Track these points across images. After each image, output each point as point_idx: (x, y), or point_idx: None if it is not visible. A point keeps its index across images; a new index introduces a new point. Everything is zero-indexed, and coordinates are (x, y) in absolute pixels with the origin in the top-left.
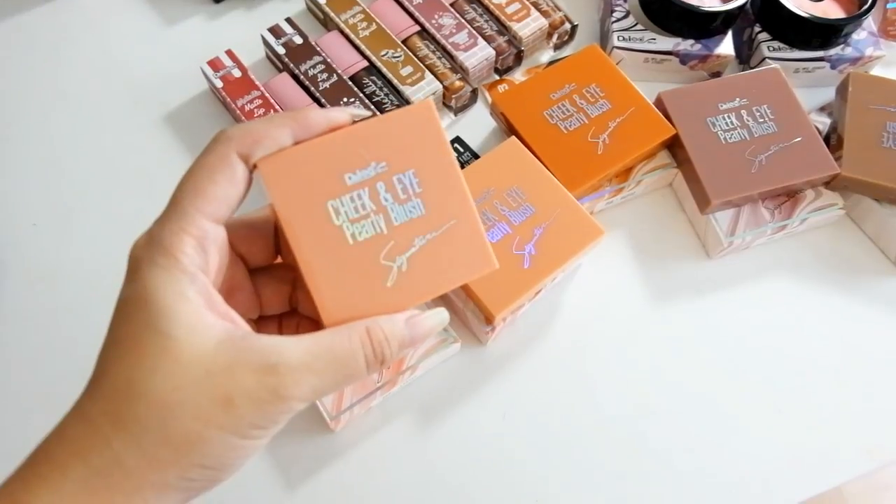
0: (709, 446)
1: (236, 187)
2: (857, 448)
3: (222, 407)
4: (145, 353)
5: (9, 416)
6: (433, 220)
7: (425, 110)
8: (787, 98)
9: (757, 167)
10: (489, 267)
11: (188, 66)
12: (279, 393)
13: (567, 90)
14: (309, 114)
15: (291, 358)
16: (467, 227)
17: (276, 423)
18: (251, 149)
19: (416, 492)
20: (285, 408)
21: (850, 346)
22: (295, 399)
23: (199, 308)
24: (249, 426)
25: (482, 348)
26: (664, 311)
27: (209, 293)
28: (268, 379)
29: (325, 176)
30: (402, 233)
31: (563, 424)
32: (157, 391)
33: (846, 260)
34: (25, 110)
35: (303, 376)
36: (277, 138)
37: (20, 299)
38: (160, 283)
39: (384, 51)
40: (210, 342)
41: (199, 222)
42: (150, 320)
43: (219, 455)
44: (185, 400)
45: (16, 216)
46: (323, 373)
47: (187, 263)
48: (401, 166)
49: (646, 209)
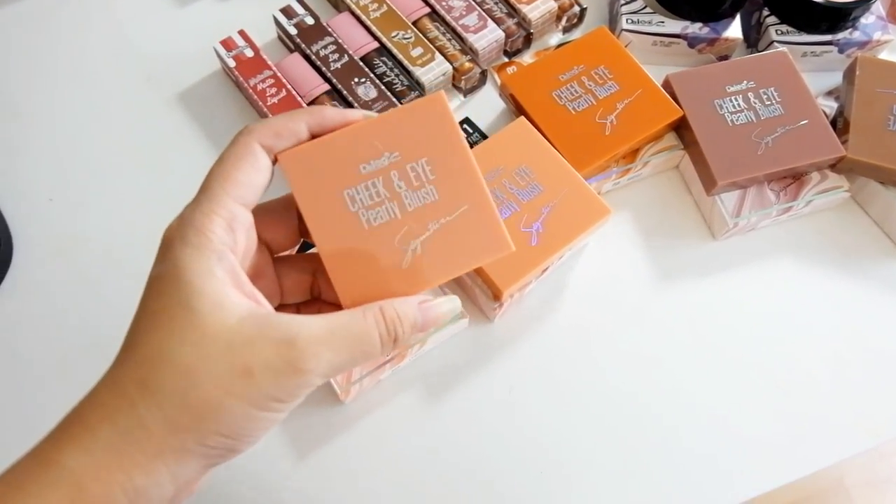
0: (711, 423)
1: (260, 174)
2: (858, 426)
3: (242, 377)
4: (174, 325)
5: (25, 388)
6: (446, 206)
7: (437, 102)
8: (794, 81)
9: (763, 149)
10: (505, 249)
11: (201, 46)
12: (297, 366)
13: (576, 71)
14: (325, 111)
15: (310, 333)
16: (481, 211)
17: (293, 398)
18: (272, 140)
19: (423, 463)
20: (302, 381)
21: (853, 327)
22: (312, 373)
23: (226, 286)
24: (267, 397)
25: (490, 325)
26: (669, 291)
27: (236, 272)
28: (287, 352)
29: (340, 166)
30: (416, 218)
31: (568, 400)
32: (182, 360)
33: (850, 243)
34: (41, 88)
35: (320, 350)
36: (295, 131)
37: (35, 273)
38: (190, 260)
39: (395, 32)
40: (233, 318)
41: (228, 205)
42: (180, 296)
43: (236, 424)
44: (207, 369)
45: (31, 191)
46: (340, 348)
47: (216, 242)
48: (413, 155)
49: (652, 191)
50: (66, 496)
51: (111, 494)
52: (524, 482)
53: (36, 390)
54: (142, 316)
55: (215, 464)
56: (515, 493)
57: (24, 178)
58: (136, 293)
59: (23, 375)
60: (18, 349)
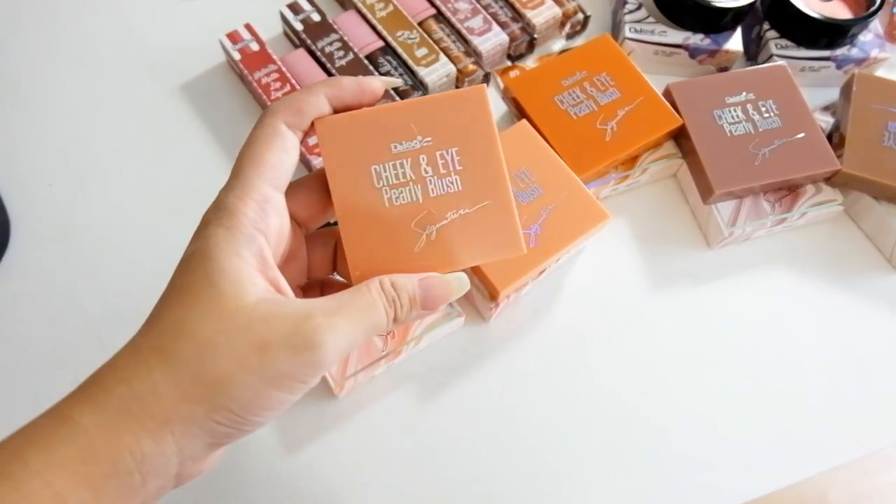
0: (701, 429)
1: (289, 154)
2: (845, 436)
3: (258, 351)
4: (197, 300)
5: (22, 372)
6: (468, 198)
7: (478, 94)
8: (792, 94)
9: (760, 160)
10: (517, 251)
11: (206, 38)
12: (314, 339)
13: (578, 77)
14: (342, 79)
15: (325, 307)
16: (501, 210)
17: (305, 377)
18: (296, 117)
19: (415, 460)
20: (317, 358)
21: (843, 338)
22: (326, 346)
23: (250, 268)
24: (280, 374)
25: (485, 325)
26: (663, 297)
27: (263, 256)
28: (304, 324)
29: (373, 142)
30: (437, 204)
31: (561, 402)
32: (201, 333)
33: (842, 256)
34: (44, 74)
35: (336, 321)
36: (316, 104)
37: (33, 258)
38: (220, 241)
39: (400, 32)
40: (252, 298)
41: (260, 187)
42: (206, 273)
43: (246, 399)
44: (224, 342)
45: (31, 177)
46: (353, 320)
47: (248, 225)
48: (445, 143)
49: (650, 198)
50: (75, 451)
51: (119, 455)
52: (515, 482)
53: (32, 375)
54: (169, 290)
55: (219, 444)
56: (506, 492)
57: (24, 163)
58: (133, 279)
59: (19, 359)
60: (15, 333)
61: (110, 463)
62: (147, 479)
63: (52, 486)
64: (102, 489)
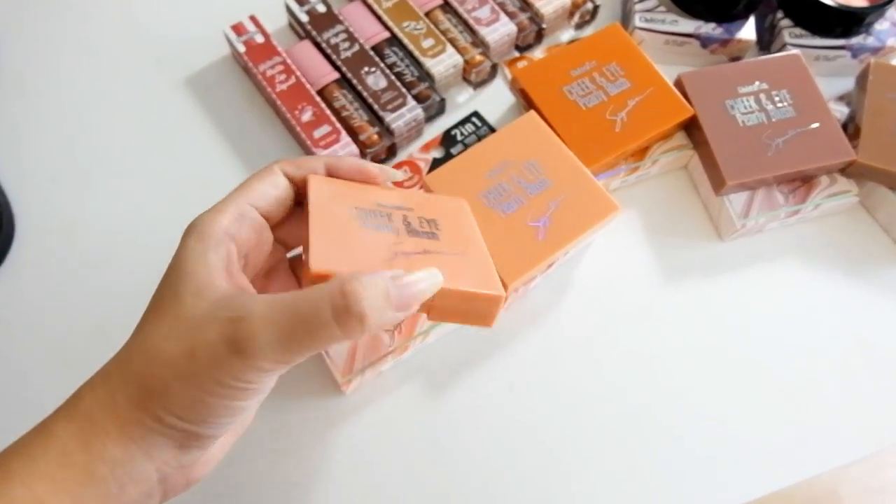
0: (713, 424)
1: (275, 188)
2: (861, 431)
3: (187, 358)
4: (160, 311)
5: (24, 368)
6: (445, 247)
7: (461, 205)
8: (806, 84)
9: (774, 151)
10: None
11: (210, 30)
12: (237, 346)
13: (587, 67)
14: (344, 158)
15: (255, 311)
16: (477, 257)
17: (240, 382)
18: (292, 167)
19: (424, 455)
20: (246, 364)
21: (857, 332)
22: (253, 354)
23: (214, 271)
24: (210, 380)
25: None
26: (674, 291)
27: (230, 261)
28: (230, 331)
29: (360, 194)
30: (413, 242)
31: (569, 396)
32: (151, 341)
33: (857, 248)
34: (48, 68)
35: (263, 327)
36: (313, 166)
37: (37, 254)
38: (190, 249)
39: (406, 22)
40: (207, 302)
41: (239, 203)
42: (172, 283)
43: (184, 406)
44: (165, 350)
45: (35, 172)
46: (281, 326)
47: (217, 230)
48: (426, 213)
49: (660, 190)
50: (53, 459)
51: (92, 463)
52: (524, 477)
53: (35, 371)
54: (148, 306)
55: (189, 447)
56: (515, 488)
57: (27, 158)
58: (137, 275)
59: (22, 355)
60: (18, 329)
61: (84, 470)
62: (125, 487)
63: (33, 492)
64: (80, 496)
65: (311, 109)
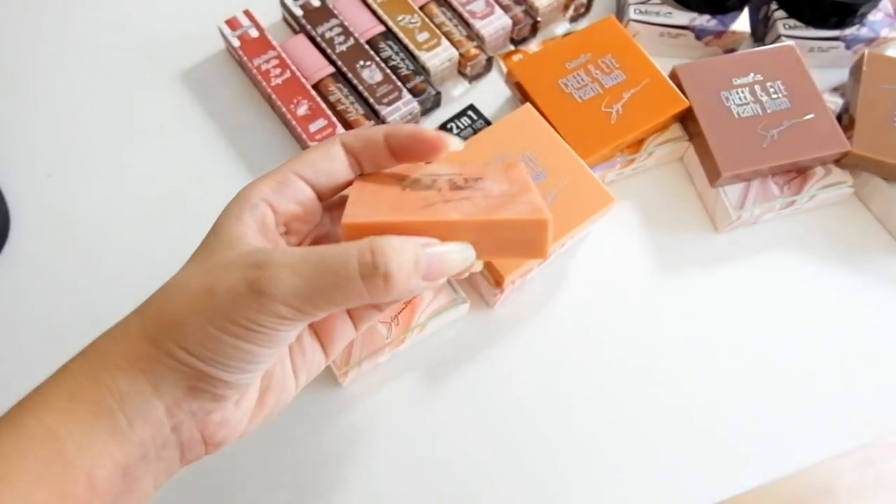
0: (709, 414)
1: (329, 160)
2: (856, 420)
3: (206, 294)
4: (190, 261)
5: (21, 362)
6: (490, 191)
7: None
8: (800, 75)
9: (768, 142)
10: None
11: (205, 25)
12: (255, 287)
13: (582, 60)
14: (403, 126)
15: (279, 258)
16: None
17: (252, 323)
18: (355, 139)
19: (420, 447)
20: (261, 305)
21: (852, 322)
22: (270, 296)
23: (247, 229)
24: (224, 317)
25: (490, 311)
26: (670, 282)
27: (265, 224)
28: (251, 273)
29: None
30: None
31: (566, 388)
32: (175, 281)
33: (852, 238)
34: (42, 63)
35: (281, 273)
36: (371, 135)
37: (32, 248)
38: (230, 209)
39: (401, 16)
40: (235, 252)
41: (284, 172)
42: (207, 239)
43: (195, 339)
44: (184, 287)
45: (30, 167)
46: (306, 275)
47: (255, 196)
48: (470, 173)
49: (656, 182)
50: (63, 391)
51: (99, 393)
52: (521, 469)
53: (33, 364)
54: None
55: (202, 391)
56: (512, 479)
57: (22, 153)
58: (133, 268)
59: (19, 349)
60: (15, 322)
61: (93, 401)
62: (133, 423)
63: (44, 423)
64: (90, 426)
65: (306, 103)
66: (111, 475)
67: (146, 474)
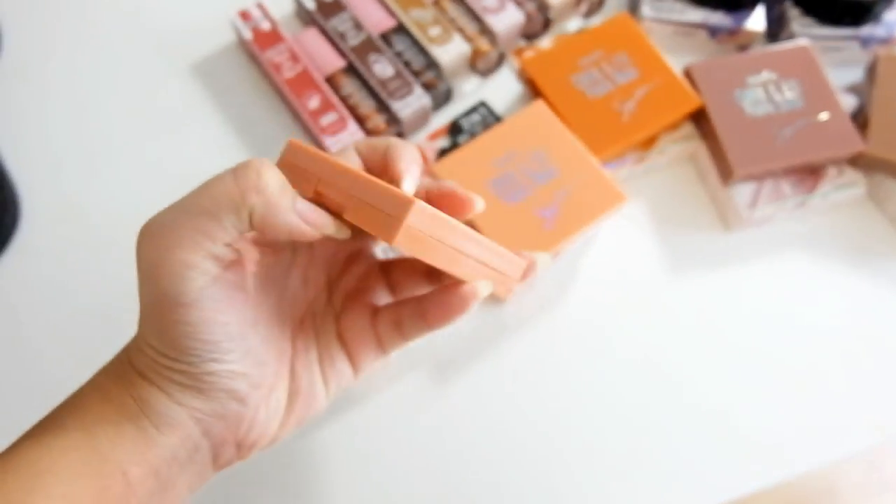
0: (716, 415)
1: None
2: (866, 422)
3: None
4: None
5: (30, 351)
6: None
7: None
8: (815, 74)
9: (782, 141)
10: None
11: (217, 17)
12: (145, 231)
13: (595, 57)
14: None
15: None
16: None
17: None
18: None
19: (430, 442)
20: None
21: (863, 324)
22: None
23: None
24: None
25: (500, 308)
26: (680, 281)
27: None
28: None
29: None
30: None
31: (575, 386)
32: None
33: (864, 240)
34: (53, 53)
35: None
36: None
37: (42, 238)
38: None
39: (413, 10)
40: None
41: None
42: None
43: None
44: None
45: (40, 157)
46: (182, 201)
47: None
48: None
49: (667, 181)
50: (97, 398)
51: (122, 399)
52: (527, 463)
53: (41, 353)
54: None
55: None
56: (520, 474)
57: (33, 143)
58: None
59: (28, 338)
60: (24, 312)
61: (121, 404)
62: (160, 427)
63: (82, 422)
64: (120, 427)
65: (317, 97)
66: (145, 474)
67: (179, 476)
